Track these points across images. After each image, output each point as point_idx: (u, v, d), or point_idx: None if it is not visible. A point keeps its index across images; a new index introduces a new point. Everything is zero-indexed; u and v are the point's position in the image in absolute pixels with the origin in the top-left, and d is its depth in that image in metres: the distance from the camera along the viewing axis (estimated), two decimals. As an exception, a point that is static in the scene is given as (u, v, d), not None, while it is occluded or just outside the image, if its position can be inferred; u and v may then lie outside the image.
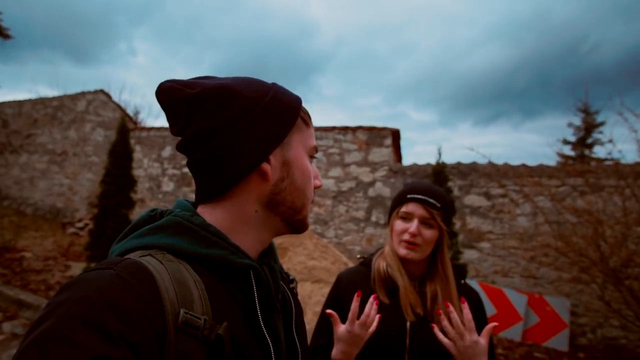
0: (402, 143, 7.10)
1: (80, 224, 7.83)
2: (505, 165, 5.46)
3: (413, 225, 1.15)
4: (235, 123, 0.57)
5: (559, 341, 4.63)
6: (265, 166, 0.59)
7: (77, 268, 5.42)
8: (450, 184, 4.05)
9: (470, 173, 5.66)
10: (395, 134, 6.50)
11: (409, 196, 1.18)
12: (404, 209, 1.18)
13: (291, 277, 0.75)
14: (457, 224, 5.35)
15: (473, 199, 5.59)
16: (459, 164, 5.75)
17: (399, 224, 1.19)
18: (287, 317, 0.65)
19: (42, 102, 9.34)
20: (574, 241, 3.90)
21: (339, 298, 1.21)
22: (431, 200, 1.16)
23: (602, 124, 13.41)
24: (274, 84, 0.64)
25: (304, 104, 0.67)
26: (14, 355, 0.38)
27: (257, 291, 0.57)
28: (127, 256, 0.51)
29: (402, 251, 1.16)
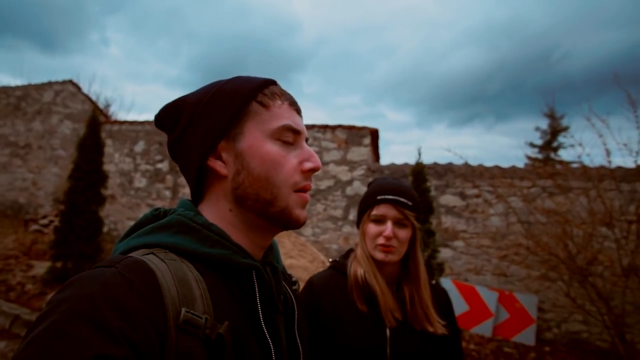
0: (379, 143, 7.18)
1: (44, 221, 7.44)
2: (480, 166, 5.62)
3: (387, 229, 1.10)
4: (185, 131, 0.60)
5: (527, 336, 4.81)
6: (212, 162, 0.59)
7: (40, 267, 5.14)
8: (427, 184, 4.12)
9: (446, 173, 5.79)
10: (374, 134, 6.56)
11: (379, 197, 1.13)
12: (375, 211, 1.13)
13: (293, 279, 0.73)
14: (433, 223, 5.46)
15: (448, 199, 5.72)
16: (435, 165, 5.86)
17: (371, 228, 1.13)
18: (289, 318, 0.65)
19: (4, 91, 8.79)
20: (544, 240, 4.07)
21: (312, 305, 1.12)
22: (402, 200, 1.12)
23: (566, 128, 14.10)
24: (231, 78, 0.63)
25: (274, 87, 0.63)
26: (15, 352, 0.38)
27: (259, 291, 0.57)
28: (129, 254, 0.51)
29: (379, 255, 1.11)
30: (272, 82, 0.63)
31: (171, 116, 0.62)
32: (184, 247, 0.54)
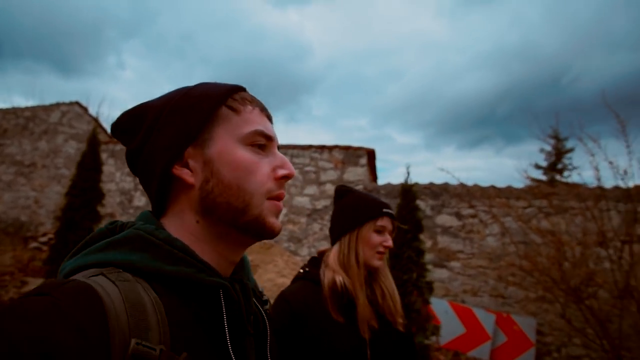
0: (385, 165, 7.26)
1: (44, 239, 7.49)
2: (475, 186, 5.60)
3: (390, 240, 1.25)
4: (148, 137, 0.57)
5: (527, 361, 4.64)
6: (178, 170, 0.55)
7: (34, 284, 5.14)
8: (419, 202, 4.10)
9: (442, 193, 5.77)
10: (371, 154, 6.60)
11: (384, 210, 1.26)
12: (380, 222, 1.25)
13: (264, 298, 0.66)
14: (429, 243, 5.39)
15: (444, 219, 5.68)
16: (431, 184, 5.85)
17: (375, 237, 1.23)
18: (260, 340, 0.59)
19: (14, 111, 9.05)
20: (539, 261, 3.99)
21: (295, 322, 1.10)
22: (394, 215, 1.30)
23: (571, 150, 14.07)
24: (198, 83, 0.61)
25: (244, 92, 0.61)
26: None
27: (226, 313, 0.52)
28: (74, 277, 0.46)
29: (377, 262, 1.22)
30: (242, 89, 0.61)
31: (132, 122, 0.58)
32: (142, 265, 0.48)
